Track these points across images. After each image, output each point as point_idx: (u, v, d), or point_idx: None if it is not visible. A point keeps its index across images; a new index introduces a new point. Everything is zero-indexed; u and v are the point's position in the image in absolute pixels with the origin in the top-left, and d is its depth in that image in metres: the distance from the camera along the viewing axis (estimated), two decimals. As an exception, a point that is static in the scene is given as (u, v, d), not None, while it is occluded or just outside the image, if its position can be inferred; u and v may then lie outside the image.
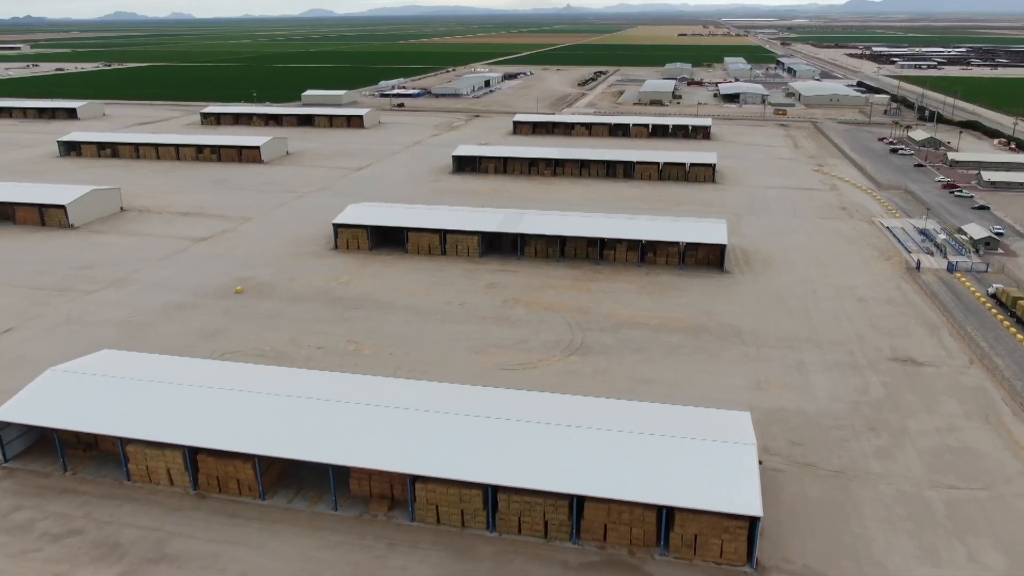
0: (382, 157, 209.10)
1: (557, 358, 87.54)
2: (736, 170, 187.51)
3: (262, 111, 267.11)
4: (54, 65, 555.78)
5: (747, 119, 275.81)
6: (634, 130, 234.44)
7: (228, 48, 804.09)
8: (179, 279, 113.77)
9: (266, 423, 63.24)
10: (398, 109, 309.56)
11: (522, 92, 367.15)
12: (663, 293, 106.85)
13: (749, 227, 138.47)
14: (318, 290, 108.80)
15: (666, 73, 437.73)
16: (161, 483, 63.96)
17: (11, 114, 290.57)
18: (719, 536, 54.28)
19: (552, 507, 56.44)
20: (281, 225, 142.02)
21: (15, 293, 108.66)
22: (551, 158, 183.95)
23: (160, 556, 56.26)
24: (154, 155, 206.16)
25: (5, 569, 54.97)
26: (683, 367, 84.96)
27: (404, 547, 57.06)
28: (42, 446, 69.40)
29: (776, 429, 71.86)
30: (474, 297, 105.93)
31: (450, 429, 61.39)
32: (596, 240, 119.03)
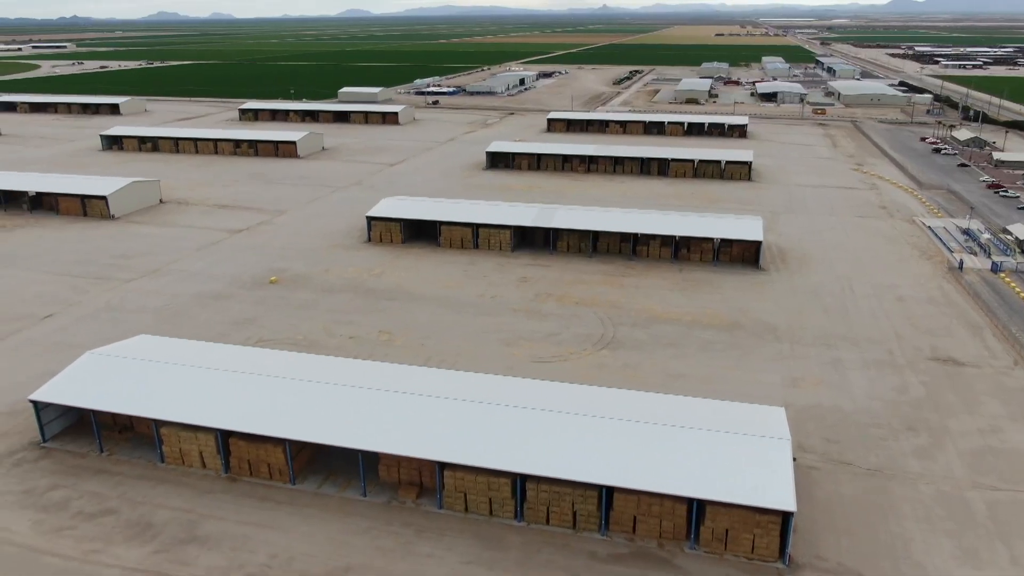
0: (416, 153, 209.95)
1: (588, 352, 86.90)
2: (773, 168, 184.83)
3: (299, 107, 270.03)
4: (98, 63, 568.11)
5: (785, 118, 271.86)
6: (669, 128, 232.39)
7: (267, 47, 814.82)
8: (215, 269, 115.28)
9: (297, 408, 63.60)
10: (433, 106, 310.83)
11: (556, 90, 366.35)
12: (697, 289, 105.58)
13: (786, 225, 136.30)
14: (351, 281, 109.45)
15: (702, 72, 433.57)
16: (194, 466, 64.69)
17: (56, 109, 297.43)
18: (751, 531, 53.27)
19: (581, 497, 55.90)
20: (316, 218, 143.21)
21: (57, 281, 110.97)
22: (585, 155, 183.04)
23: (191, 537, 56.86)
24: (193, 149, 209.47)
25: (41, 546, 55.98)
26: (716, 363, 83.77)
27: (431, 534, 56.97)
28: (79, 428, 70.66)
29: (811, 426, 70.46)
30: (505, 290, 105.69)
31: (480, 417, 61.16)
32: (629, 236, 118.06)
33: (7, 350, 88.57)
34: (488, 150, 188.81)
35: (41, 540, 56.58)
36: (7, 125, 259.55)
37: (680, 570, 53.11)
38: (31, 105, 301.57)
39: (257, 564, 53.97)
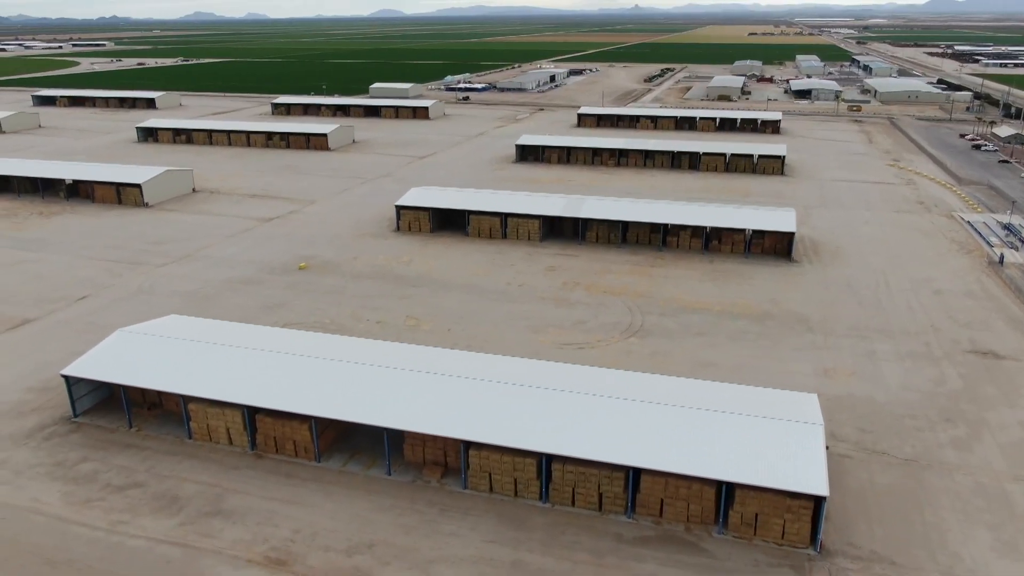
0: (446, 146, 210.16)
1: (616, 339, 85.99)
2: (806, 163, 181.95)
3: (330, 102, 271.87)
4: (136, 60, 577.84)
5: (819, 115, 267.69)
6: (701, 124, 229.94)
7: (300, 45, 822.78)
8: (245, 255, 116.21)
9: (324, 387, 63.62)
10: (463, 102, 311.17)
11: (587, 87, 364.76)
12: (727, 280, 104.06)
13: (819, 219, 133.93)
14: (379, 268, 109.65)
15: (735, 70, 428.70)
16: (220, 442, 65.02)
17: (94, 103, 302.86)
18: (781, 516, 52.08)
19: (607, 479, 55.11)
20: (345, 208, 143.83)
21: (92, 265, 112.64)
22: (615, 148, 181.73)
23: (217, 510, 57.10)
24: (226, 141, 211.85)
25: (69, 516, 56.58)
26: (746, 352, 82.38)
27: (456, 513, 56.59)
28: (109, 404, 71.44)
29: (844, 416, 68.90)
30: (533, 279, 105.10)
31: (506, 398, 60.65)
32: (659, 226, 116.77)
33: (42, 329, 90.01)
34: (518, 143, 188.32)
35: (70, 511, 57.19)
36: (47, 118, 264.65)
37: (707, 554, 52.11)
38: (70, 99, 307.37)
39: (281, 538, 54.01)
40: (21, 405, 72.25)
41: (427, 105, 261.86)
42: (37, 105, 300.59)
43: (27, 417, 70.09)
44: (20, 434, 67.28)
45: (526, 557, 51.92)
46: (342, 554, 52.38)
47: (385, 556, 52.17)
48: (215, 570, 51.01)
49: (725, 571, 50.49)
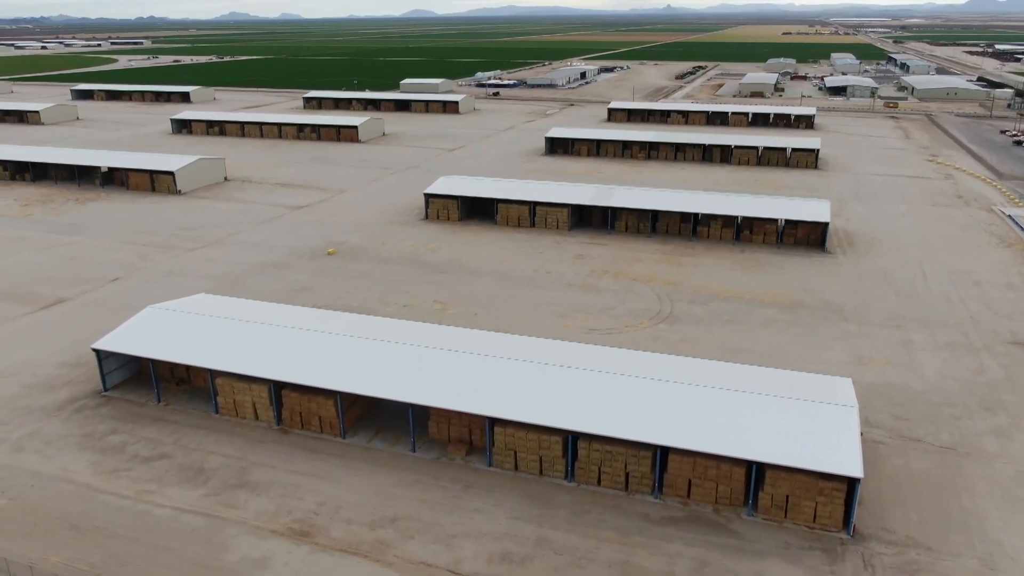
0: (475, 140, 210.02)
1: (644, 325, 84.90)
2: (841, 158, 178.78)
3: (361, 96, 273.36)
4: (172, 58, 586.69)
5: (854, 111, 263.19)
6: (733, 118, 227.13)
7: (332, 43, 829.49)
8: (274, 241, 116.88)
9: (350, 363, 63.48)
10: (493, 98, 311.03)
11: (618, 84, 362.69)
12: (759, 269, 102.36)
13: (853, 211, 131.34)
14: (407, 255, 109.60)
15: (768, 68, 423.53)
16: (247, 417, 65.19)
17: (131, 97, 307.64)
18: (813, 498, 50.75)
19: (634, 458, 54.18)
20: (374, 197, 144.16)
21: (124, 249, 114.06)
22: (645, 141, 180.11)
23: (242, 482, 57.18)
24: (258, 133, 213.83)
25: (97, 485, 57.01)
26: (777, 339, 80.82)
27: (480, 490, 56.05)
28: (139, 379, 72.03)
29: (878, 403, 67.18)
30: (561, 266, 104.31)
31: (532, 376, 59.98)
32: (690, 216, 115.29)
33: (75, 308, 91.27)
34: (547, 136, 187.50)
35: (98, 480, 57.64)
36: (84, 111, 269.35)
37: (736, 535, 50.96)
38: (107, 93, 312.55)
39: (305, 510, 53.89)
40: (53, 379, 73.17)
41: (457, 100, 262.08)
42: (76, 99, 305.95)
43: (59, 390, 70.94)
44: (51, 406, 68.08)
45: (550, 534, 51.20)
46: (365, 527, 52.11)
47: (408, 530, 51.79)
48: (239, 539, 51.01)
49: (754, 553, 49.33)
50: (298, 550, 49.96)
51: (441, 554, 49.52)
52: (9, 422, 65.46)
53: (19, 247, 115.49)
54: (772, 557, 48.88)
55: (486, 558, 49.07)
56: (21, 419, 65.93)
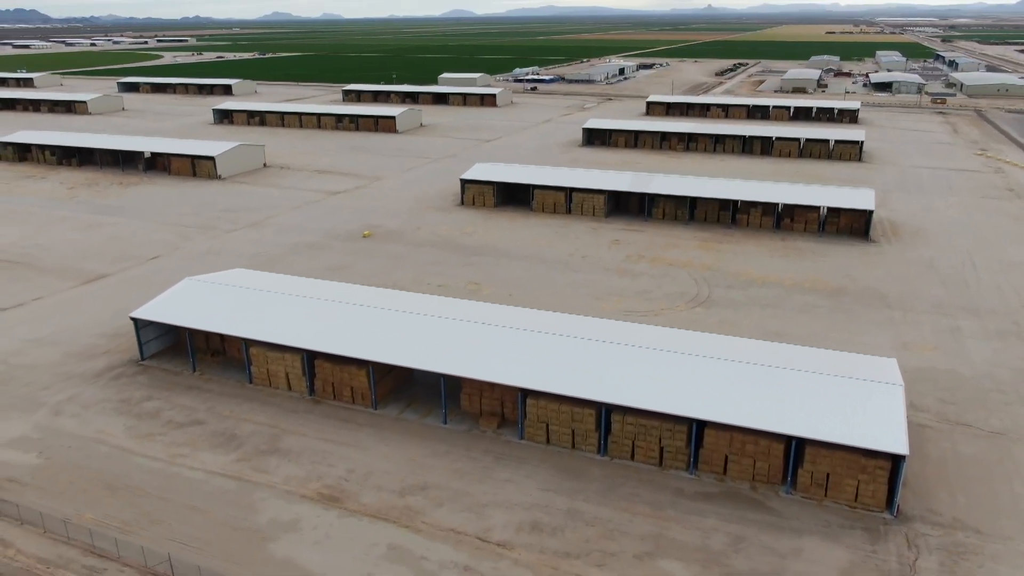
0: (512, 131, 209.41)
1: (681, 307, 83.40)
2: (886, 151, 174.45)
3: (399, 89, 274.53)
4: (215, 54, 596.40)
5: (900, 106, 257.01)
6: (774, 112, 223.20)
7: (371, 42, 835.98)
8: (311, 224, 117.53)
9: (383, 334, 63.22)
10: (531, 92, 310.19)
11: (656, 80, 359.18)
12: (799, 257, 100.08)
13: (899, 202, 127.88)
14: (442, 238, 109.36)
15: (812, 64, 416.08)
16: (280, 387, 65.31)
17: (175, 90, 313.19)
18: (855, 476, 49.06)
19: (669, 432, 52.95)
20: (411, 184, 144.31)
21: (165, 229, 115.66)
22: (683, 132, 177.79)
23: (273, 449, 57.22)
24: (297, 123, 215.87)
25: (132, 447, 57.51)
26: (818, 324, 78.72)
27: (511, 461, 55.33)
28: (175, 349, 72.70)
29: (924, 387, 64.95)
30: (597, 251, 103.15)
31: (566, 349, 59.07)
32: (729, 203, 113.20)
33: (116, 283, 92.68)
34: (585, 127, 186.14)
35: (133, 443, 58.15)
36: (130, 102, 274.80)
37: (774, 512, 49.49)
38: (152, 86, 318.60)
39: (335, 477, 53.69)
40: (93, 348, 74.22)
41: (495, 93, 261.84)
42: (122, 91, 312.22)
43: (98, 359, 71.90)
44: (90, 373, 69.00)
45: (582, 506, 50.26)
46: (395, 494, 51.70)
47: (438, 498, 51.25)
48: (268, 503, 50.95)
49: (793, 530, 47.82)
50: (327, 514, 49.74)
51: (471, 522, 48.89)
52: (50, 386, 66.48)
53: (64, 226, 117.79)
54: (811, 535, 47.33)
55: (516, 527, 48.32)
56: (61, 384, 66.92)
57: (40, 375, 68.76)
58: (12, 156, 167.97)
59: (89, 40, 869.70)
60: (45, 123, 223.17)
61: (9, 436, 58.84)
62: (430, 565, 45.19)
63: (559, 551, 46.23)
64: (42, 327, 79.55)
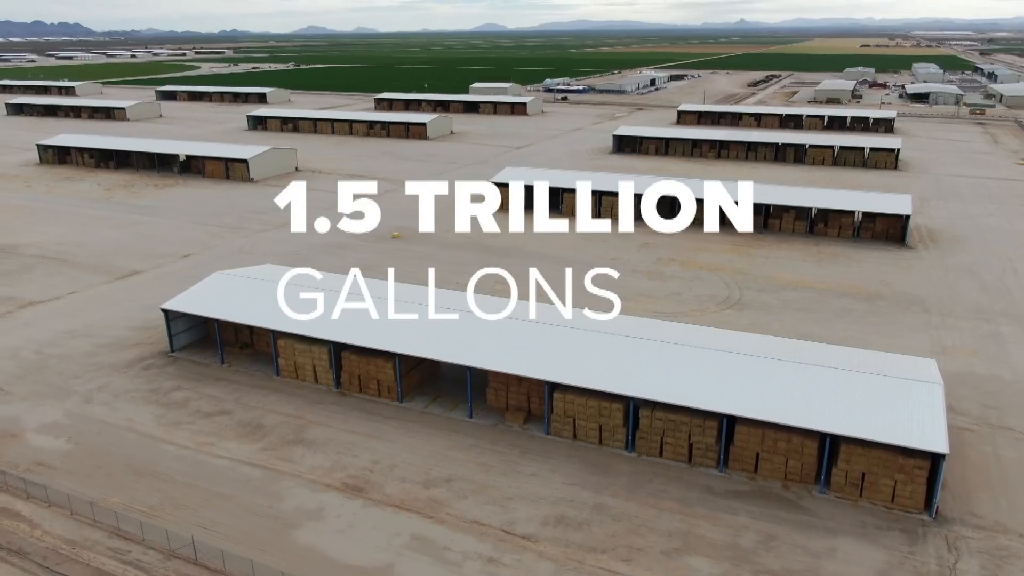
0: (542, 139, 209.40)
1: (712, 309, 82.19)
2: (923, 160, 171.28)
3: (430, 98, 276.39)
4: (251, 65, 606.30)
5: (937, 117, 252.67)
6: (807, 121, 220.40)
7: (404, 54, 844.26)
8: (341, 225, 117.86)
9: (410, 328, 63.02)
10: (561, 102, 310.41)
11: (688, 90, 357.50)
12: (833, 261, 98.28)
13: (936, 210, 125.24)
14: (470, 239, 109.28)
15: (846, 76, 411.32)
16: (307, 379, 65.34)
17: (211, 98, 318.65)
18: (892, 476, 47.57)
19: (699, 428, 51.87)
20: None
21: (197, 229, 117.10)
22: (715, 140, 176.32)
23: (299, 439, 57.14)
24: (329, 130, 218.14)
25: (160, 435, 57.82)
26: (853, 328, 76.96)
27: (537, 455, 54.62)
28: (204, 342, 73.17)
29: (964, 391, 63.06)
30: (626, 253, 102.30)
31: (594, 344, 58.32)
32: (761, 207, 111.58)
33: (149, 279, 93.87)
34: (615, 134, 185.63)
35: (161, 431, 58.46)
36: (167, 110, 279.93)
37: (807, 512, 48.14)
38: (189, 94, 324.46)
39: (359, 467, 53.40)
40: (124, 340, 75.03)
41: (525, 101, 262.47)
42: (160, 99, 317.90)
43: (128, 350, 72.65)
44: (121, 364, 69.70)
45: (609, 501, 49.35)
46: (419, 486, 51.23)
47: (463, 491, 50.68)
48: (293, 491, 50.78)
49: (827, 530, 46.44)
50: (351, 503, 49.42)
51: (495, 515, 48.22)
52: (81, 375, 67.24)
53: (101, 225, 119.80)
54: (846, 535, 45.92)
55: (541, 520, 47.55)
56: (92, 374, 67.66)
57: (73, 365, 69.61)
58: (52, 159, 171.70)
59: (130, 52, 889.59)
60: (85, 128, 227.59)
61: (41, 422, 59.51)
62: (453, 555, 44.60)
63: (584, 545, 45.36)
64: (76, 320, 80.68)
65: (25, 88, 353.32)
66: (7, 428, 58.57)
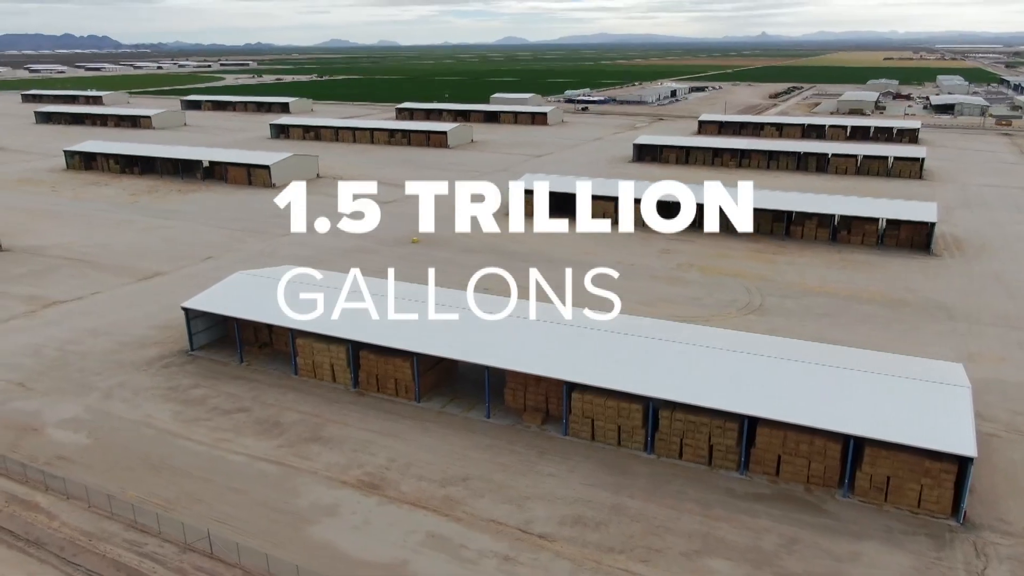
0: (563, 148, 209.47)
1: (732, 315, 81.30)
2: (948, 169, 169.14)
3: (451, 107, 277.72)
4: (275, 76, 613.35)
5: (962, 128, 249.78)
6: (830, 131, 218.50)
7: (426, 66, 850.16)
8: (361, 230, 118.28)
9: (427, 327, 62.87)
10: (582, 112, 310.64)
11: (709, 101, 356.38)
12: (856, 268, 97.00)
13: (962, 219, 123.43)
14: (489, 245, 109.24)
15: (869, 87, 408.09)
16: (324, 379, 65.31)
17: (234, 107, 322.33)
18: (918, 480, 46.50)
19: (719, 429, 51.09)
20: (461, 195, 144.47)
21: (219, 233, 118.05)
22: (736, 148, 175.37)
23: (316, 437, 57.03)
24: (351, 138, 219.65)
25: (178, 431, 57.95)
26: (876, 334, 75.70)
27: (555, 456, 54.07)
28: (223, 342, 73.46)
29: (992, 398, 61.71)
30: (645, 259, 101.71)
31: (613, 344, 57.80)
32: (782, 214, 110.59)
33: (170, 281, 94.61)
34: (635, 142, 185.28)
35: (179, 427, 58.60)
36: (192, 118, 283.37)
37: (830, 515, 47.16)
38: (213, 103, 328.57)
39: (375, 465, 53.13)
40: (145, 339, 75.52)
41: (545, 111, 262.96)
42: (184, 108, 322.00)
43: (149, 349, 73.09)
44: (141, 362, 70.11)
45: (627, 502, 48.67)
46: (435, 484, 50.86)
47: (479, 490, 50.23)
48: (309, 487, 50.59)
49: (851, 534, 45.44)
50: (367, 500, 49.13)
51: (512, 514, 47.71)
52: (101, 372, 67.69)
53: (125, 228, 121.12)
54: (870, 539, 44.90)
55: (558, 520, 46.96)
56: (113, 371, 68.10)
57: (94, 362, 70.12)
58: (79, 164, 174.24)
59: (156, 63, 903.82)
60: (111, 136, 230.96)
61: (61, 417, 59.90)
62: (469, 553, 44.12)
63: (602, 545, 44.71)
64: (98, 319, 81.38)
65: (54, 97, 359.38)
66: (28, 422, 59.03)
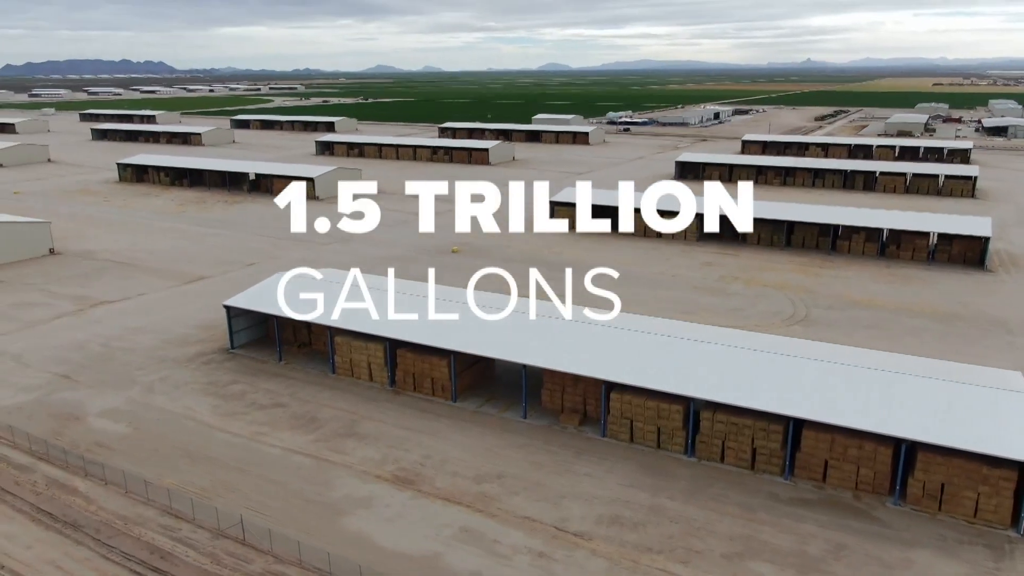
0: (604, 166, 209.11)
1: (777, 325, 79.34)
2: (1002, 189, 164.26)
3: (493, 127, 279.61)
4: (321, 99, 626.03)
5: (1017, 150, 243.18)
6: (877, 151, 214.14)
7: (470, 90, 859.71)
8: (401, 239, 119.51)
9: (465, 327, 62.45)
10: (624, 133, 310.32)
11: (752, 124, 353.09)
12: (906, 282, 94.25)
13: (1018, 236, 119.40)
14: (529, 255, 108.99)
15: (918, 110, 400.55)
16: (362, 377, 65.22)
17: (281, 127, 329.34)
18: (974, 488, 44.33)
19: (763, 432, 49.50)
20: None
21: (262, 240, 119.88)
22: (780, 166, 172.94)
23: (351, 432, 56.80)
24: (394, 155, 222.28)
25: (216, 424, 58.24)
26: (927, 346, 73.03)
27: (591, 456, 52.95)
28: (263, 341, 74.05)
29: (1053, 411, 58.79)
30: (688, 271, 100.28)
31: (653, 345, 56.68)
32: (829, 228, 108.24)
33: (213, 284, 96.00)
34: (677, 160, 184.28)
35: (217, 420, 58.89)
36: (240, 136, 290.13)
37: (880, 522, 45.18)
38: (261, 123, 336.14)
39: (410, 461, 52.60)
40: (187, 338, 76.46)
41: (587, 131, 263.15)
42: (233, 127, 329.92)
43: (190, 347, 73.94)
44: (182, 359, 70.90)
45: (666, 504, 47.29)
46: (470, 481, 50.10)
47: (514, 487, 49.33)
48: (343, 480, 50.26)
49: (902, 542, 43.43)
50: (400, 494, 48.58)
51: (547, 512, 46.68)
52: (144, 367, 68.60)
53: (172, 235, 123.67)
54: (923, 548, 42.83)
55: (595, 519, 45.78)
56: (155, 366, 68.96)
57: (137, 357, 71.12)
58: (130, 177, 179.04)
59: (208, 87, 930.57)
60: (163, 152, 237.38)
61: (103, 407, 60.68)
62: (503, 548, 43.18)
63: (640, 545, 43.40)
64: (143, 318, 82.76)
65: (110, 116, 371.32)
66: (71, 411, 59.91)
